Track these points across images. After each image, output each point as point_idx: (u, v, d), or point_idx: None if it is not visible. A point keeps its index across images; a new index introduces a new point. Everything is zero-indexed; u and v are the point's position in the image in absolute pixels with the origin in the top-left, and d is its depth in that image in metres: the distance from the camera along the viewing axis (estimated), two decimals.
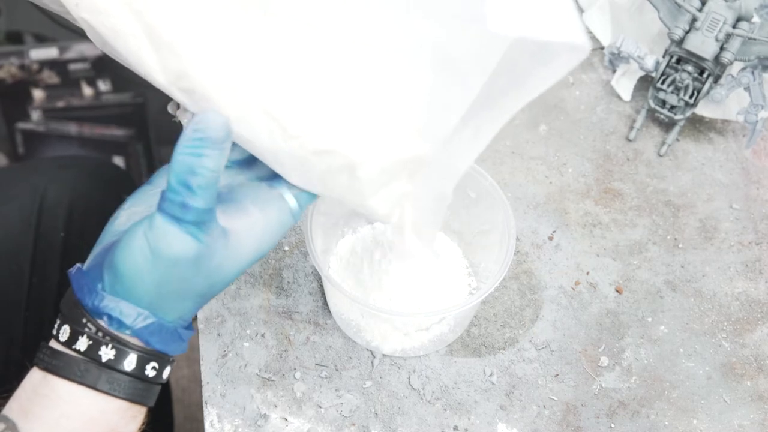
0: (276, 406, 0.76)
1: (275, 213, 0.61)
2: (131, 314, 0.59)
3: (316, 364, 0.79)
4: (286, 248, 0.85)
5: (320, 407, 0.76)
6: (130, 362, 0.59)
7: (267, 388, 0.77)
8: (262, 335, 0.80)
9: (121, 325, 0.58)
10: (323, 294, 0.82)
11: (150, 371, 0.60)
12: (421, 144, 0.61)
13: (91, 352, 0.59)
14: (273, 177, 0.62)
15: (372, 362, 0.79)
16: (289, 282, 0.83)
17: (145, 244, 0.57)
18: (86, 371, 0.59)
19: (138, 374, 0.60)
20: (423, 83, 0.59)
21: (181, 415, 1.37)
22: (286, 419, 0.76)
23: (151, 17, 0.57)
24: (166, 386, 1.24)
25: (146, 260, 0.57)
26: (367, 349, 0.80)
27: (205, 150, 0.55)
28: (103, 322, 0.59)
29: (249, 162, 0.64)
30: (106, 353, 0.59)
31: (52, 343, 0.60)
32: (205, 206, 0.56)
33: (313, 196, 0.62)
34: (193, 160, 0.55)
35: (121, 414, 0.60)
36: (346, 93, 0.59)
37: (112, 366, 0.59)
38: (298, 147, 0.59)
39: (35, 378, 0.60)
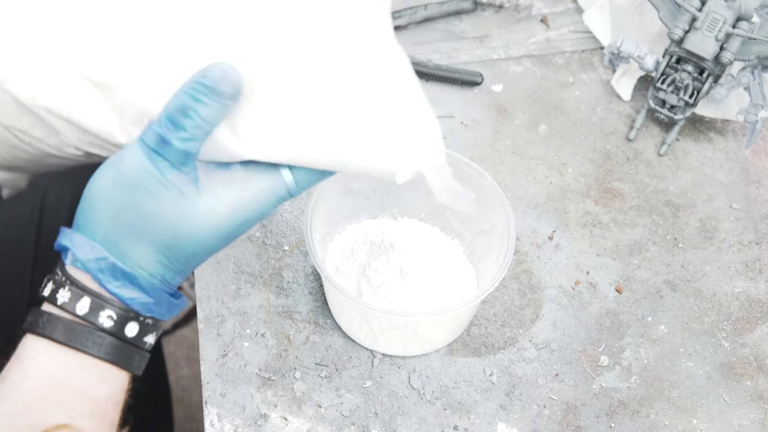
0: (276, 406, 0.76)
1: (264, 180, 0.59)
2: (83, 245, 0.57)
3: (316, 364, 0.79)
4: (286, 248, 0.85)
5: (320, 407, 0.76)
6: (83, 306, 0.57)
7: (267, 388, 0.77)
8: (262, 335, 0.80)
9: (74, 258, 0.57)
10: (323, 294, 0.82)
11: (105, 320, 0.58)
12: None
13: (52, 297, 0.58)
14: None
15: (372, 362, 0.79)
16: (289, 282, 0.83)
17: (110, 162, 0.56)
18: (47, 322, 0.58)
19: (92, 320, 0.58)
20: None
21: (181, 415, 1.37)
22: (286, 419, 0.76)
23: None
24: (166, 386, 1.24)
25: (106, 179, 0.56)
26: (367, 349, 0.80)
27: (204, 97, 0.54)
28: (63, 260, 0.58)
29: None
30: (62, 296, 0.57)
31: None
32: (183, 148, 0.55)
33: (314, 178, 0.60)
34: (189, 101, 0.54)
35: (85, 372, 0.58)
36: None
37: (66, 308, 0.57)
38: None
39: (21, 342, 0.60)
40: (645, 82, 1.00)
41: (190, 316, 1.60)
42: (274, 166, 0.60)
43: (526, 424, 0.77)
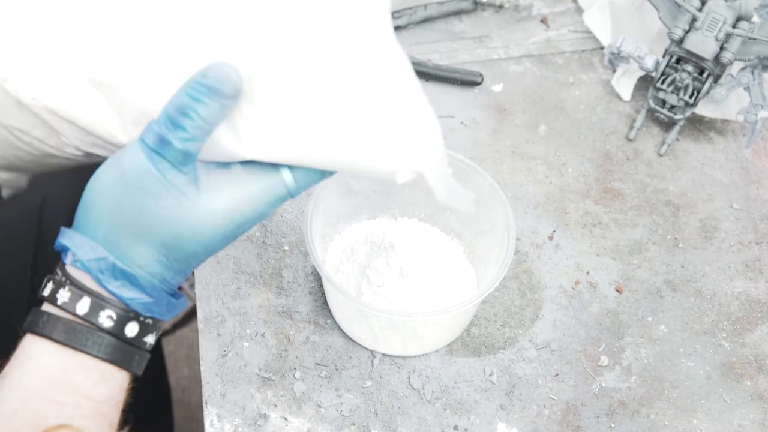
0: (276, 406, 0.76)
1: (264, 180, 0.59)
2: (83, 245, 0.57)
3: (316, 364, 0.79)
4: (286, 248, 0.85)
5: (320, 407, 0.76)
6: (83, 306, 0.57)
7: (267, 388, 0.77)
8: (262, 335, 0.80)
9: (74, 258, 0.57)
10: (323, 294, 0.82)
11: (105, 320, 0.58)
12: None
13: (52, 297, 0.58)
14: None
15: (372, 362, 0.79)
16: (289, 282, 0.83)
17: (110, 162, 0.56)
18: (47, 321, 0.57)
19: (92, 320, 0.57)
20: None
21: (181, 415, 1.37)
22: (286, 419, 0.76)
23: None
24: (166, 386, 1.24)
25: (106, 178, 0.56)
26: (367, 349, 0.80)
27: (204, 97, 0.54)
28: (63, 260, 0.58)
29: None
30: (63, 296, 0.57)
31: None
32: (182, 149, 0.55)
33: (314, 178, 0.60)
34: (189, 101, 0.54)
35: (84, 372, 0.58)
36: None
37: (66, 308, 0.57)
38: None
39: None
40: (645, 82, 1.00)
41: (190, 316, 1.60)
42: (274, 166, 0.60)
43: (526, 424, 0.77)
